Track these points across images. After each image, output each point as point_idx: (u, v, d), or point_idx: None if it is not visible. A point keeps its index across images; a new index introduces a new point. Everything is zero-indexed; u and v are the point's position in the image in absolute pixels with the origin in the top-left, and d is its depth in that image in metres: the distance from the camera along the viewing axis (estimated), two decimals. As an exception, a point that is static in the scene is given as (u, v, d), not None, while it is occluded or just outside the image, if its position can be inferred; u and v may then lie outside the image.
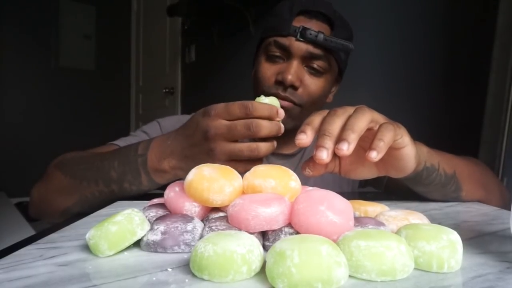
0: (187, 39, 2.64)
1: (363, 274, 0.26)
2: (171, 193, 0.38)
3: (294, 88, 0.63)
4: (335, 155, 0.37)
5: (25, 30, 2.77)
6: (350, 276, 0.27)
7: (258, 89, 0.68)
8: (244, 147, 0.46)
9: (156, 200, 0.43)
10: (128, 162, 0.52)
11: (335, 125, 0.38)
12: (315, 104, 0.67)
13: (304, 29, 0.61)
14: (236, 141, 0.47)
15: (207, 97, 2.27)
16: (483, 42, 1.19)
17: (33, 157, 2.39)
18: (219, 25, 2.26)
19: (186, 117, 0.58)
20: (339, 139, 0.36)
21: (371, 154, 0.35)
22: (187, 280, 0.27)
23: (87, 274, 0.28)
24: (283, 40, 0.64)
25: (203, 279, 0.27)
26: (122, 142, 0.68)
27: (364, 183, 0.76)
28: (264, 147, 0.47)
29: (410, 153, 0.42)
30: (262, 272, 0.27)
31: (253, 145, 0.46)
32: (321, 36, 0.61)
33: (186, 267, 0.29)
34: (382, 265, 0.26)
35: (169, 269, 0.29)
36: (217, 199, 0.36)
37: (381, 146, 0.36)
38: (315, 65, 0.64)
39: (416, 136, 0.48)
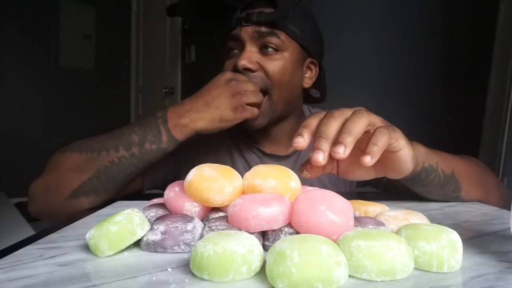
0: (187, 39, 2.63)
1: (363, 274, 0.26)
2: (171, 193, 0.38)
3: (251, 71, 0.64)
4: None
5: (25, 30, 2.76)
6: (350, 276, 0.27)
7: None
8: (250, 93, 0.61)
9: (156, 200, 0.43)
10: (148, 124, 0.57)
11: (332, 127, 0.38)
12: (282, 87, 0.65)
13: (247, 14, 0.65)
14: None
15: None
16: (483, 42, 1.19)
17: (33, 157, 2.38)
18: (219, 25, 2.26)
19: None
20: (336, 142, 0.37)
21: (365, 159, 0.36)
22: (187, 280, 0.27)
23: (87, 274, 0.28)
24: (234, 32, 0.67)
25: (203, 279, 0.27)
26: None
27: (364, 183, 0.76)
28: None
29: (407, 156, 0.42)
30: (262, 272, 0.27)
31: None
32: (262, 15, 0.64)
33: (186, 267, 0.29)
34: (382, 265, 0.26)
35: (169, 269, 0.29)
36: (217, 199, 0.36)
37: (375, 150, 0.36)
38: (267, 44, 0.64)
39: (416, 136, 0.48)
